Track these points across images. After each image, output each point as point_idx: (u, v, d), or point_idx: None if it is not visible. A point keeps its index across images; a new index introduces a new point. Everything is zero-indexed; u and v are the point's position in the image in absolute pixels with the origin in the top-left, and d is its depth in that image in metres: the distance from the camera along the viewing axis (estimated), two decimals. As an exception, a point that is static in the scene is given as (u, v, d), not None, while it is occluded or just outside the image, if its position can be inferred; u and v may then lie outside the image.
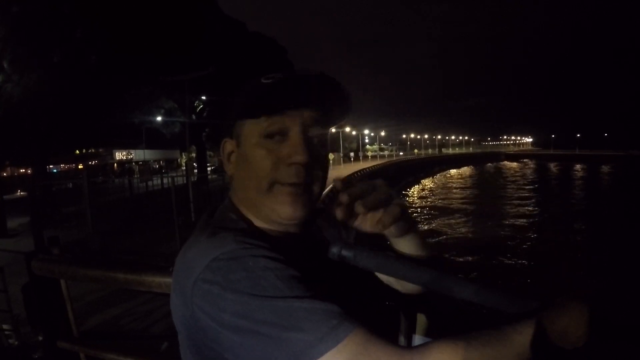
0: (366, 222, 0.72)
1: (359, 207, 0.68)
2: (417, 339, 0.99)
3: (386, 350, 0.58)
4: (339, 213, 0.68)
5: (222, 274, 0.61)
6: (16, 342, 3.86)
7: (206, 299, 0.61)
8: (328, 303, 0.60)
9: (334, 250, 0.71)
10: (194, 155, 27.89)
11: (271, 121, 0.73)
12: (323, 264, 0.74)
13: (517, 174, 54.01)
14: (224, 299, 0.60)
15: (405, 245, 0.83)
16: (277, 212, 0.74)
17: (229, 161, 0.82)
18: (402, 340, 1.00)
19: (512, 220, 20.49)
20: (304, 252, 0.74)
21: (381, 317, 0.84)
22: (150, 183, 17.51)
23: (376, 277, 0.91)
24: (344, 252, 0.70)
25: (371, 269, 0.71)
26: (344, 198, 0.68)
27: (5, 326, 3.97)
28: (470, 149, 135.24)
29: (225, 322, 0.60)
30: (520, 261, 13.50)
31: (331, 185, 0.73)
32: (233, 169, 0.80)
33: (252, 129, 0.75)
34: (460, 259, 13.66)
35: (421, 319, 1.02)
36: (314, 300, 0.60)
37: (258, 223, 0.77)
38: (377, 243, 0.91)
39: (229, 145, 0.82)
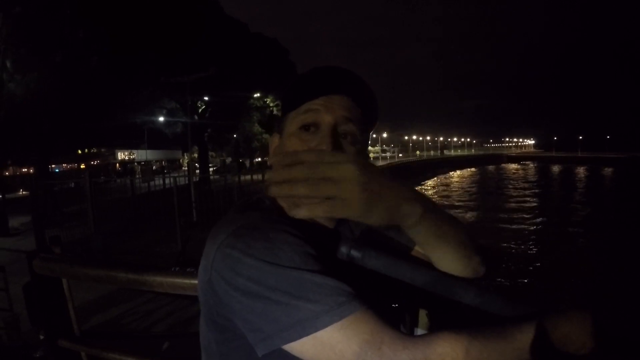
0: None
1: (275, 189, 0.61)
2: (419, 333, 0.99)
3: (390, 333, 0.59)
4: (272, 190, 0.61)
5: (243, 240, 0.65)
6: (17, 341, 3.87)
7: (225, 262, 0.65)
8: (339, 281, 0.62)
9: (343, 249, 0.71)
10: (196, 155, 27.92)
11: (307, 115, 0.78)
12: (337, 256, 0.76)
13: (518, 176, 53.94)
14: (242, 263, 0.63)
15: (416, 237, 0.74)
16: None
17: (273, 153, 0.87)
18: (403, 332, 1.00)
19: (512, 222, 20.47)
20: (324, 240, 0.75)
21: (387, 311, 0.84)
22: (152, 183, 17.53)
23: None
24: (353, 252, 0.71)
25: (379, 270, 0.72)
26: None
27: (6, 324, 3.98)
28: (472, 150, 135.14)
29: (239, 285, 0.63)
30: (520, 263, 13.48)
31: None
32: (272, 158, 0.85)
33: (292, 121, 0.80)
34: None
35: (423, 315, 1.02)
36: (326, 277, 0.62)
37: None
38: (386, 244, 0.91)
39: (275, 139, 0.87)
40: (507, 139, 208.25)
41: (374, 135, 75.16)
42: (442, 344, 0.57)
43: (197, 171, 26.07)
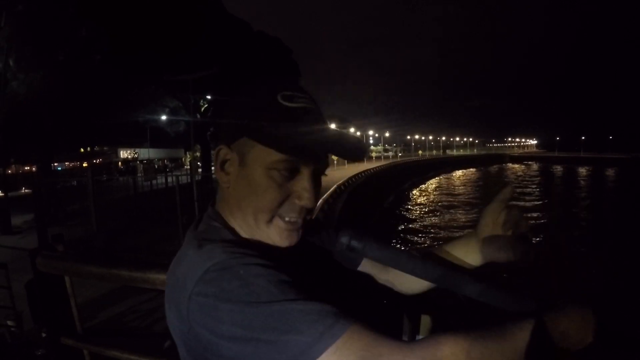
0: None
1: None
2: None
3: (386, 343, 0.58)
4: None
5: (215, 285, 0.61)
6: (20, 339, 3.88)
7: (203, 312, 0.61)
8: (322, 304, 0.60)
9: (343, 240, 0.70)
10: (198, 154, 27.95)
11: (286, 157, 0.69)
12: (312, 269, 0.75)
13: (521, 176, 53.78)
14: (220, 310, 0.60)
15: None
16: (272, 240, 0.74)
17: (222, 170, 0.77)
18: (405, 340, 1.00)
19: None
20: (291, 258, 0.74)
21: (382, 319, 0.84)
22: (154, 182, 17.54)
23: (374, 279, 0.90)
24: (353, 243, 0.70)
25: (380, 261, 0.71)
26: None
27: (9, 322, 3.98)
28: (475, 150, 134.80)
29: (224, 333, 0.60)
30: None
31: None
32: (228, 182, 0.76)
33: (263, 155, 0.71)
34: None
35: (425, 321, 1.02)
36: (308, 302, 0.60)
37: (244, 233, 0.76)
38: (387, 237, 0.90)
39: (225, 153, 0.76)
40: (510, 139, 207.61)
41: (377, 135, 75.12)
42: (442, 348, 0.57)
43: (200, 170, 26.08)
